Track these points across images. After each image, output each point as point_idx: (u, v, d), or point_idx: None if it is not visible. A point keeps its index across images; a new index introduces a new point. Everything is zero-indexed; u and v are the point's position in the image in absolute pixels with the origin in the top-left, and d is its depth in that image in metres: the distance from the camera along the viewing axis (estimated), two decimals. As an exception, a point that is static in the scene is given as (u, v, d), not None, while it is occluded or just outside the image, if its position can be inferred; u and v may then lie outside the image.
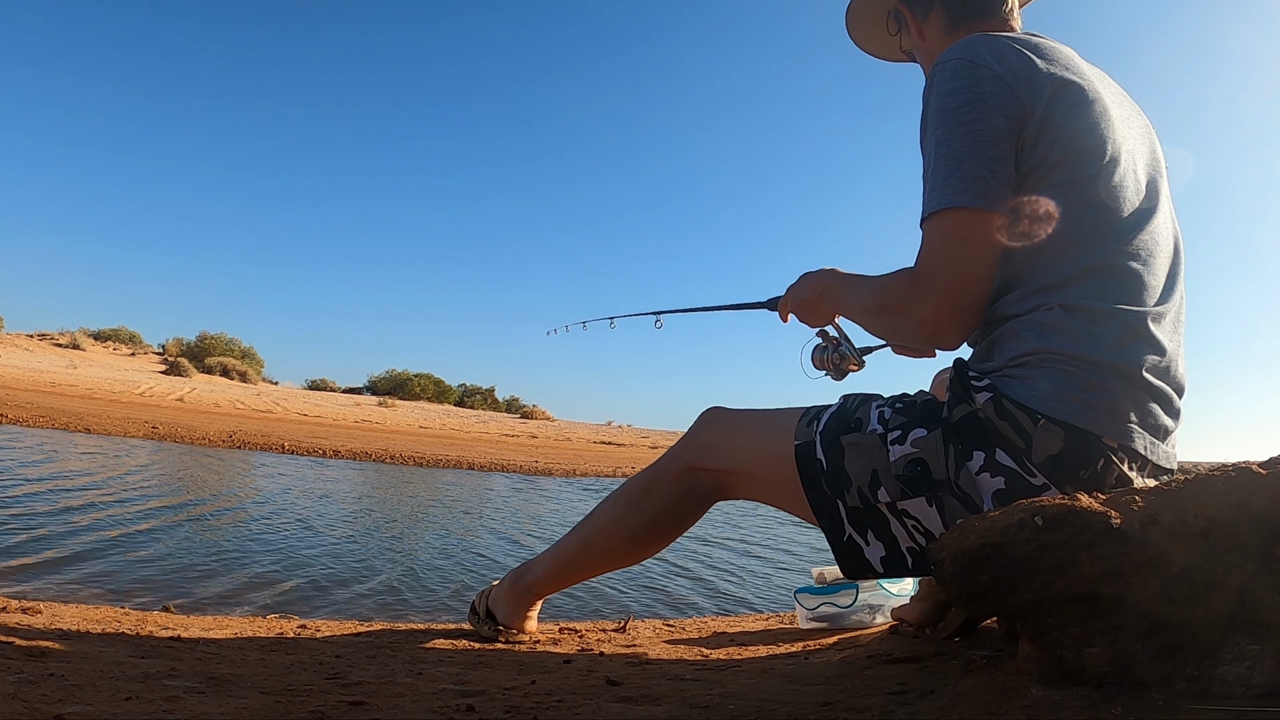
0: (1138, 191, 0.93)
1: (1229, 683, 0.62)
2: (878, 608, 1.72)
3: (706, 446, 1.19)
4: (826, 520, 1.02)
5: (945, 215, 0.90)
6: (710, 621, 2.01)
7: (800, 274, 1.18)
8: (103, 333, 20.85)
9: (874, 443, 0.99)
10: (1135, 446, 0.87)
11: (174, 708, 0.86)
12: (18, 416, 6.66)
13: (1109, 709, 0.63)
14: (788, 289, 1.20)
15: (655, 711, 0.93)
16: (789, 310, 1.21)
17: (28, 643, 1.11)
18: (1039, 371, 0.89)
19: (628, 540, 1.29)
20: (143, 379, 14.63)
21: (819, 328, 1.21)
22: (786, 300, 1.20)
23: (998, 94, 0.89)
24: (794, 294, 1.18)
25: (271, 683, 1.03)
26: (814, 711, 0.89)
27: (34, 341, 18.09)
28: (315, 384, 22.86)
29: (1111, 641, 0.66)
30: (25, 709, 0.77)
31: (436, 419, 16.69)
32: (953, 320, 0.92)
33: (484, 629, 1.49)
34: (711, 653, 1.47)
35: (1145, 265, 0.91)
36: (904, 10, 1.14)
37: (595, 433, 19.10)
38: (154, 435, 6.94)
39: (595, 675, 1.17)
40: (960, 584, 0.73)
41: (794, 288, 1.18)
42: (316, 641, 1.43)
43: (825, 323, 1.20)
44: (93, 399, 10.29)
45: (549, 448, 12.92)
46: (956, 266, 0.90)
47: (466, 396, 24.29)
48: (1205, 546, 0.63)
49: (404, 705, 0.95)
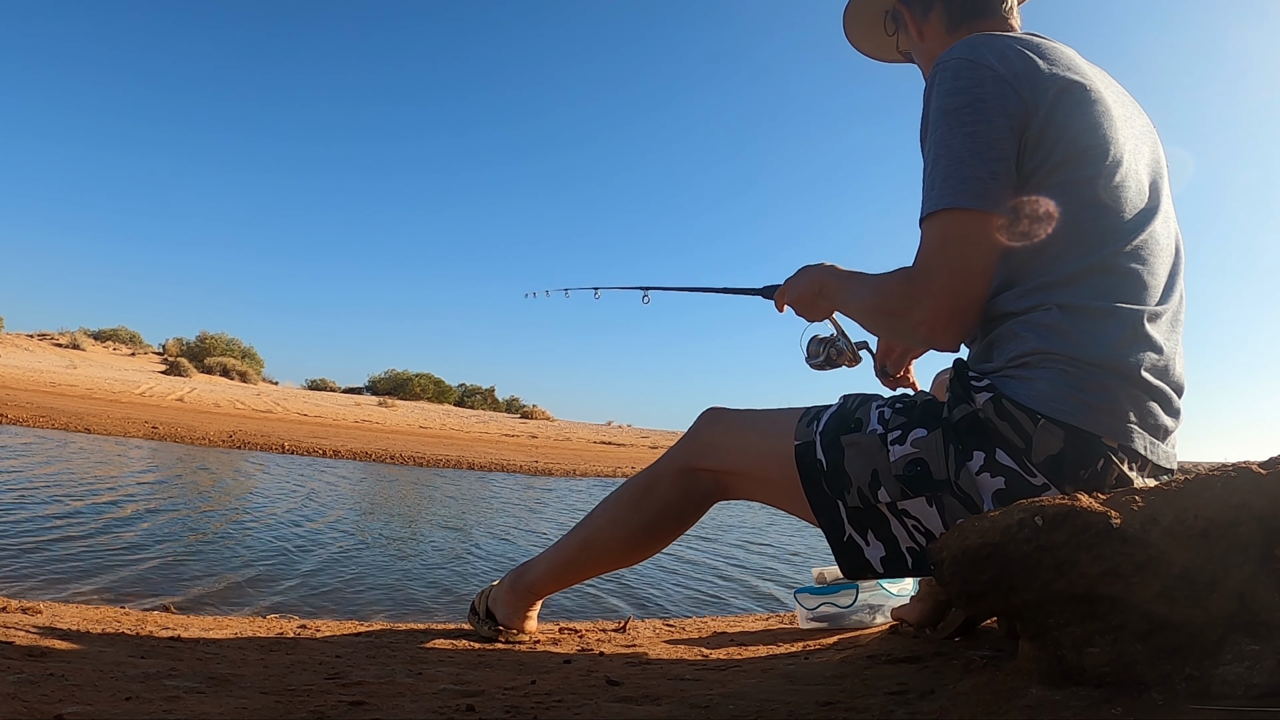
0: (1139, 192, 0.93)
1: (1229, 683, 0.62)
2: (878, 608, 1.72)
3: (706, 447, 1.19)
4: (826, 520, 1.02)
5: (944, 215, 0.90)
6: (710, 621, 2.01)
7: (799, 267, 1.18)
8: (103, 333, 20.86)
9: (874, 443, 0.99)
10: (1135, 446, 0.87)
11: (174, 708, 0.86)
12: (18, 416, 6.66)
13: (1109, 709, 0.63)
14: (786, 281, 1.20)
15: (655, 711, 0.93)
16: (786, 303, 1.21)
17: (28, 643, 1.11)
18: (1039, 372, 0.89)
19: (627, 540, 1.28)
20: (143, 379, 14.63)
21: (816, 323, 1.21)
22: (784, 292, 1.20)
23: (999, 94, 0.89)
24: (792, 287, 1.18)
25: (271, 683, 1.03)
26: (814, 711, 0.89)
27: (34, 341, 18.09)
28: (315, 384, 22.87)
29: (1111, 641, 0.66)
30: (25, 709, 0.77)
31: (436, 419, 16.69)
32: (950, 320, 0.92)
33: (484, 629, 1.49)
34: (711, 653, 1.47)
35: (1145, 265, 0.91)
36: (903, 10, 1.14)
37: (595, 433, 19.10)
38: (154, 435, 6.94)
39: (595, 675, 1.17)
40: (960, 584, 0.73)
41: (792, 281, 1.18)
42: (316, 641, 1.43)
43: (823, 318, 1.20)
44: (93, 399, 10.29)
45: (549, 448, 12.92)
46: (954, 267, 0.90)
47: (466, 396, 24.30)
48: (1205, 546, 0.63)
49: (404, 705, 0.95)
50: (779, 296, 1.22)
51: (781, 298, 1.21)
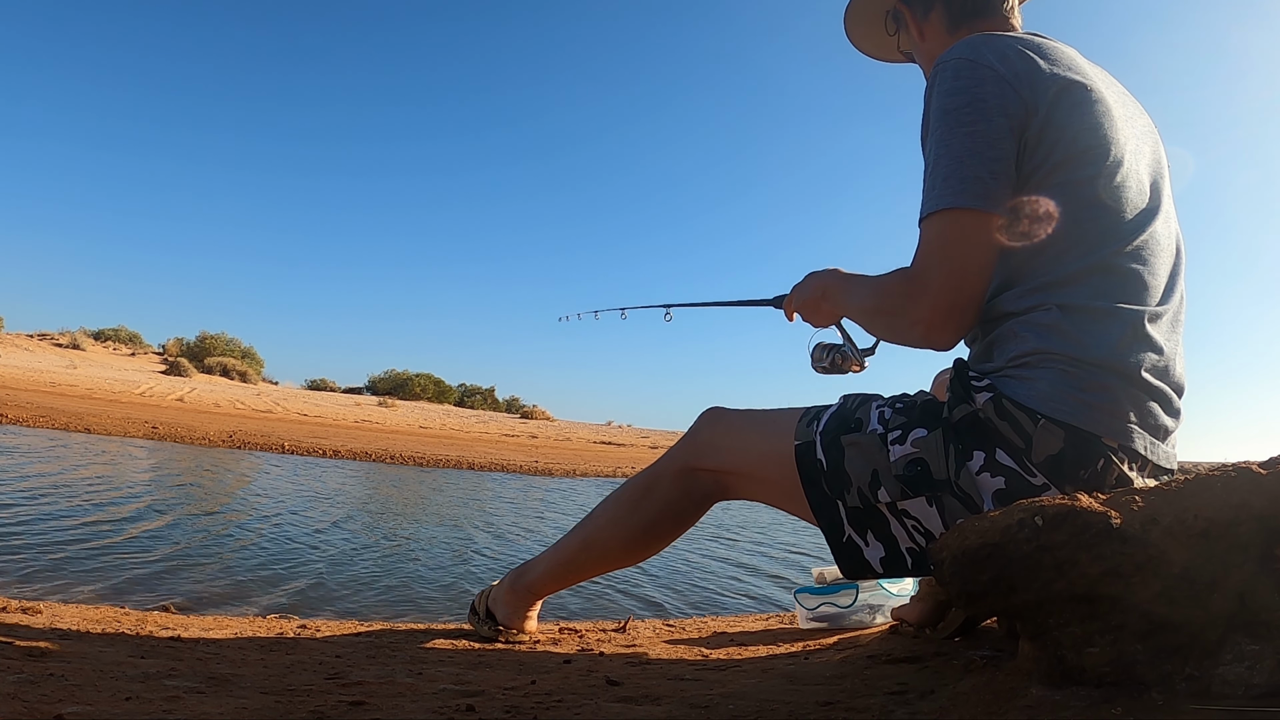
0: (1140, 192, 0.93)
1: (1229, 683, 0.62)
2: (878, 608, 1.72)
3: (706, 446, 1.19)
4: (826, 520, 1.02)
5: (942, 215, 0.90)
6: (710, 621, 2.01)
7: (806, 273, 1.18)
8: (103, 333, 20.86)
9: (874, 443, 0.99)
10: (1135, 446, 0.87)
11: (174, 708, 0.86)
12: (18, 416, 6.66)
13: (1109, 709, 0.63)
14: (793, 288, 1.20)
15: (655, 711, 0.93)
16: (794, 310, 1.21)
17: (28, 643, 1.11)
18: (1039, 372, 0.89)
19: (627, 540, 1.28)
20: (143, 379, 14.63)
21: (822, 328, 1.21)
22: (791, 299, 1.21)
23: (999, 94, 0.89)
24: (798, 294, 1.18)
25: (271, 683, 1.03)
26: (814, 711, 0.89)
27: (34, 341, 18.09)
28: (315, 384, 22.86)
29: (1111, 641, 0.66)
30: (25, 709, 0.77)
31: (436, 419, 16.68)
32: (947, 320, 0.92)
33: (484, 629, 1.49)
34: (711, 653, 1.47)
35: (1146, 265, 0.91)
36: (903, 10, 1.14)
37: (595, 433, 19.10)
38: (154, 435, 6.94)
39: (595, 675, 1.17)
40: (960, 584, 0.73)
41: (799, 287, 1.18)
42: (316, 641, 1.43)
43: (829, 323, 1.20)
44: (93, 399, 10.29)
45: (549, 448, 12.92)
46: (952, 267, 0.90)
47: (466, 396, 24.29)
48: (1205, 546, 0.63)
49: (404, 705, 0.95)
50: (787, 305, 1.23)
51: (789, 306, 1.22)
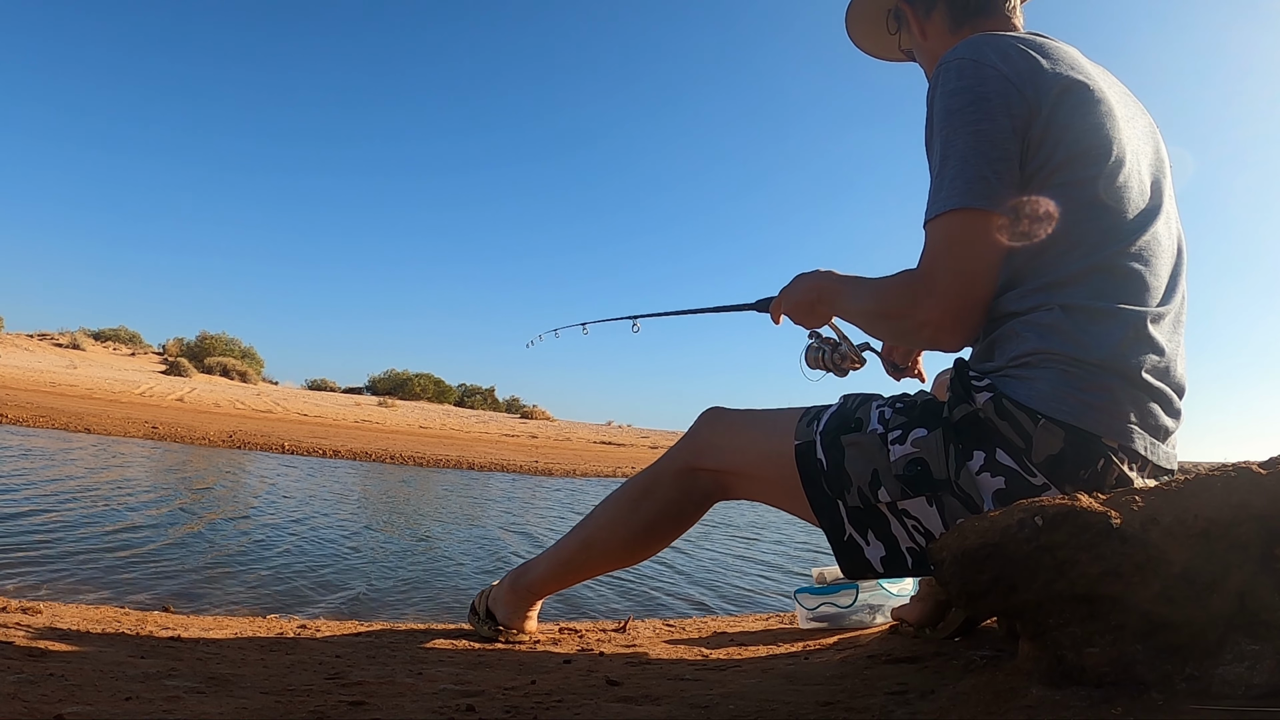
0: (1141, 192, 0.93)
1: (1229, 683, 0.62)
2: (878, 608, 1.72)
3: (706, 446, 1.19)
4: (827, 520, 1.02)
5: (949, 216, 0.90)
6: (710, 621, 2.01)
7: (795, 275, 1.16)
8: (103, 333, 20.85)
9: (874, 442, 0.99)
10: (1135, 447, 0.87)
11: (174, 708, 0.86)
12: (18, 416, 6.66)
13: (1109, 709, 0.63)
14: (781, 291, 1.19)
15: (655, 711, 0.93)
16: (782, 312, 1.20)
17: (28, 643, 1.11)
18: (1039, 372, 0.89)
19: (627, 540, 1.28)
20: (143, 379, 14.63)
21: (814, 330, 1.21)
22: (779, 302, 1.19)
23: (1002, 94, 0.89)
24: (788, 296, 1.17)
25: (271, 683, 1.03)
26: (814, 711, 0.89)
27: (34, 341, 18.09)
28: (315, 384, 22.87)
29: (1111, 641, 0.66)
30: (25, 709, 0.77)
31: (436, 419, 16.68)
32: (955, 322, 0.91)
33: (484, 629, 1.49)
34: (711, 653, 1.47)
35: (1147, 266, 0.91)
36: (905, 9, 1.14)
37: (595, 433, 19.10)
38: (154, 435, 6.94)
39: (595, 675, 1.17)
40: (960, 584, 0.73)
41: (788, 290, 1.17)
42: (316, 641, 1.43)
43: (821, 325, 1.19)
44: (93, 399, 10.29)
45: (549, 448, 12.92)
46: (960, 268, 0.90)
47: (466, 396, 24.28)
48: (1205, 547, 0.63)
49: (404, 705, 0.95)
50: (774, 308, 1.21)
51: (777, 309, 1.20)
